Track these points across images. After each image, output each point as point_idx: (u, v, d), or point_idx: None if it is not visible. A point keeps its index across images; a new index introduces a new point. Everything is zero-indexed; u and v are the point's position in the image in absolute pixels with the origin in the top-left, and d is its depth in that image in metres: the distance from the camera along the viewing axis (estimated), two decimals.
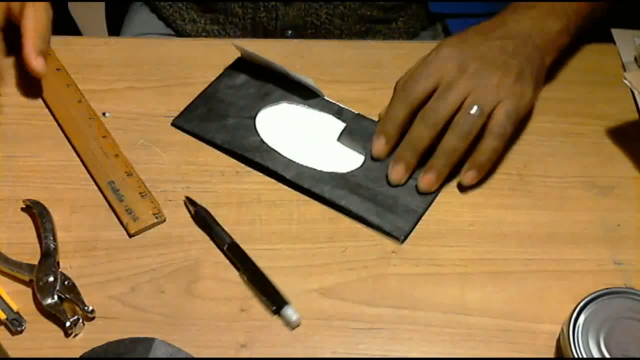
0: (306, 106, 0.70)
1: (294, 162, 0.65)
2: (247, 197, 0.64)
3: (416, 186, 0.63)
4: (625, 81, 0.65)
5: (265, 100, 0.70)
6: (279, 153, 0.65)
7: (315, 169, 0.64)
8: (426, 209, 0.63)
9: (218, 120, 0.68)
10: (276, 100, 0.70)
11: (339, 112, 0.69)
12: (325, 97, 0.70)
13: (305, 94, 0.70)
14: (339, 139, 0.67)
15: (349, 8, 0.83)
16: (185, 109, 0.69)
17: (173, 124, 0.68)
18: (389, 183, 0.64)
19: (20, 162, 0.66)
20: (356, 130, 0.67)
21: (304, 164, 0.65)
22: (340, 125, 0.68)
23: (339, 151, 0.66)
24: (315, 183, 0.63)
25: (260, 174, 0.65)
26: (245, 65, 0.72)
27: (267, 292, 0.57)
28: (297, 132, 0.68)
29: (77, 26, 0.99)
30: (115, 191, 0.63)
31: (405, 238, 0.61)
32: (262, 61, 0.71)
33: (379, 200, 0.63)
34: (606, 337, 0.51)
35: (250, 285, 0.58)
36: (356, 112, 0.69)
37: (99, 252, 0.60)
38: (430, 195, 0.63)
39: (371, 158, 0.65)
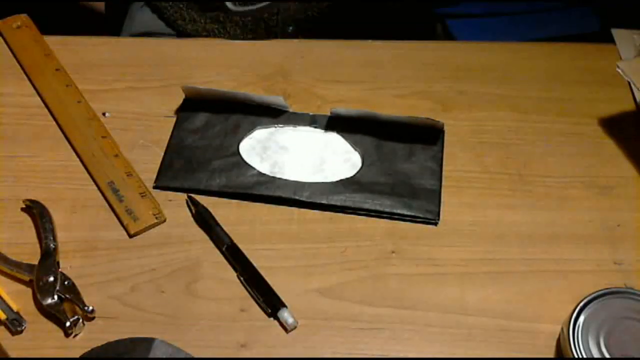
0: (279, 125, 0.68)
1: (301, 182, 0.64)
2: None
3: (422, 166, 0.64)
4: (619, 70, 0.65)
5: (238, 132, 0.67)
6: (282, 179, 0.64)
7: (324, 182, 0.64)
8: (441, 185, 0.63)
9: (202, 167, 0.64)
10: (249, 129, 0.67)
11: (313, 121, 0.68)
12: (292, 110, 0.69)
13: (272, 113, 0.68)
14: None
15: (350, 2, 0.83)
16: (161, 168, 0.65)
17: (156, 187, 0.64)
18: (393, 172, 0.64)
19: (20, 162, 0.66)
20: (341, 129, 0.67)
21: (310, 181, 0.64)
22: (319, 133, 0.67)
23: (335, 158, 0.66)
24: (332, 195, 0.63)
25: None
26: (196, 104, 0.69)
27: (263, 295, 0.57)
28: (287, 153, 0.66)
29: (77, 26, 1.00)
30: (115, 191, 0.63)
31: (439, 218, 0.62)
32: (213, 94, 0.68)
33: (398, 191, 0.63)
34: (606, 337, 0.51)
35: (248, 287, 0.58)
36: (329, 115, 0.68)
37: (99, 252, 0.60)
38: (436, 172, 0.64)
39: (369, 153, 0.66)
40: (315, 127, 0.68)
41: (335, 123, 0.68)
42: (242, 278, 0.58)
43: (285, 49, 0.76)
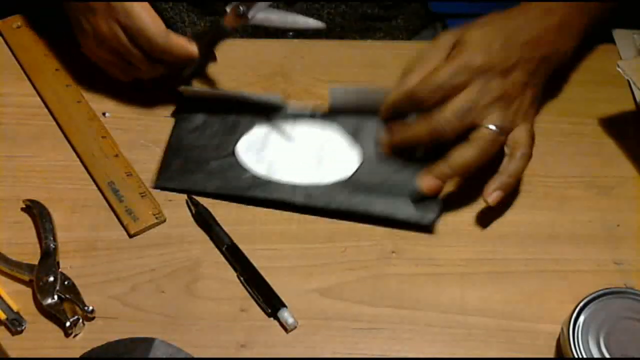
0: (278, 124, 0.68)
1: (297, 184, 0.63)
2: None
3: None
4: (619, 69, 0.65)
5: (236, 131, 0.67)
6: (277, 181, 0.63)
7: (320, 184, 0.63)
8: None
9: (200, 168, 0.64)
10: (247, 129, 0.67)
11: (312, 116, 0.68)
12: (290, 108, 0.68)
13: (270, 111, 0.68)
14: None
15: (350, 6, 0.83)
16: (161, 168, 0.65)
17: (155, 187, 0.64)
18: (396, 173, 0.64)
19: (20, 162, 0.66)
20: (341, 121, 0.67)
21: (307, 182, 0.63)
22: (318, 132, 0.67)
23: (332, 156, 0.66)
24: (328, 199, 0.62)
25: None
26: (195, 104, 0.69)
27: (263, 295, 0.57)
28: (284, 153, 0.66)
29: None
30: (115, 191, 0.63)
31: (434, 224, 0.61)
32: (212, 94, 0.68)
33: (396, 193, 0.62)
34: (606, 337, 0.51)
35: (248, 287, 0.58)
36: (327, 111, 0.68)
37: (99, 252, 0.60)
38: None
39: (367, 150, 0.65)
40: (314, 120, 0.67)
41: (335, 121, 0.68)
42: (242, 278, 0.58)
43: (285, 49, 0.76)
